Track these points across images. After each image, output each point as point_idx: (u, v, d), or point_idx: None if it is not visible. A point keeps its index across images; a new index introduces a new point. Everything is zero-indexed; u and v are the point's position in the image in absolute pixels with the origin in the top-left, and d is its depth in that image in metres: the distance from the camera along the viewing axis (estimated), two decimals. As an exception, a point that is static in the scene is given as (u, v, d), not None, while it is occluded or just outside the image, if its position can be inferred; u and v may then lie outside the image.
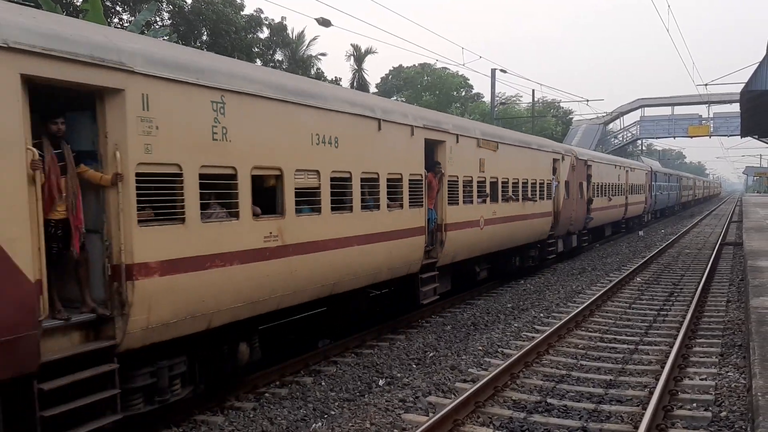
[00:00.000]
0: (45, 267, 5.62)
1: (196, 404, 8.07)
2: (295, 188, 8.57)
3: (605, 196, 28.35)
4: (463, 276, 15.26)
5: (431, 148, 12.67)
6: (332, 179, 9.36)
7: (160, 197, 6.63)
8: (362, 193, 10.17)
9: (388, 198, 10.95)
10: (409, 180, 11.60)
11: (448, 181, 13.18)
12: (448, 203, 13.15)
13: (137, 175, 6.34)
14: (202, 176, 7.07)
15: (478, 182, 14.71)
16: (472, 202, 14.47)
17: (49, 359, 5.64)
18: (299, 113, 8.66)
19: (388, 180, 10.94)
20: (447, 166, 13.11)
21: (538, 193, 18.68)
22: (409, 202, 11.61)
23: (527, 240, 18.37)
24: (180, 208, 6.82)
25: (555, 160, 20.58)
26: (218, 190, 7.42)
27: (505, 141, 16.43)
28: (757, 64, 22.57)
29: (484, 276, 16.31)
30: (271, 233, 8.13)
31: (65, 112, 6.25)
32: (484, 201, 15.04)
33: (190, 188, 6.90)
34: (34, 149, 5.58)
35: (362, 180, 10.14)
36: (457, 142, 13.57)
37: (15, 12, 5.71)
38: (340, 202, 9.64)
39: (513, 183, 16.83)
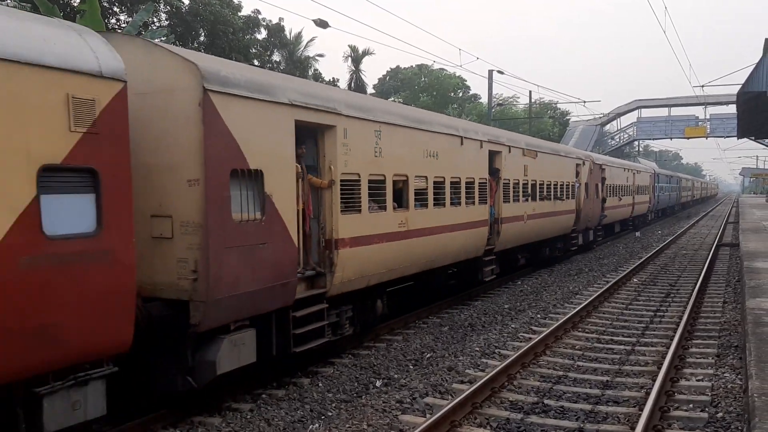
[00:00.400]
0: (301, 238, 8.91)
1: (194, 405, 8.07)
2: (414, 189, 11.83)
3: (616, 196, 31.64)
4: (507, 262, 18.03)
5: (492, 156, 15.80)
6: (434, 183, 12.64)
7: (349, 195, 9.90)
8: (450, 193, 13.33)
9: (465, 197, 14.01)
10: (479, 183, 14.74)
11: (503, 183, 16.43)
12: (503, 201, 16.41)
13: (341, 181, 9.64)
14: (369, 181, 10.38)
15: (522, 184, 17.85)
16: (518, 200, 17.55)
17: (297, 297, 8.80)
18: (417, 135, 12.04)
19: (466, 183, 14.07)
20: (502, 172, 16.33)
21: (565, 193, 21.84)
22: (479, 200, 14.73)
23: (556, 233, 21.60)
24: (358, 202, 10.11)
25: (577, 165, 23.69)
26: (375, 191, 10.61)
27: (542, 150, 19.86)
28: (754, 66, 22.62)
29: (522, 263, 19.36)
30: (401, 221, 11.42)
31: (305, 140, 9.23)
32: (527, 200, 18.18)
33: (364, 189, 10.24)
34: (298, 165, 8.80)
35: (450, 183, 13.34)
36: (510, 152, 16.80)
37: (291, 80, 9.73)
38: (438, 199, 12.83)
39: (547, 185, 19.92)
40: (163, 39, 22.97)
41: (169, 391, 7.55)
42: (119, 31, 27.72)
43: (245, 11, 37.79)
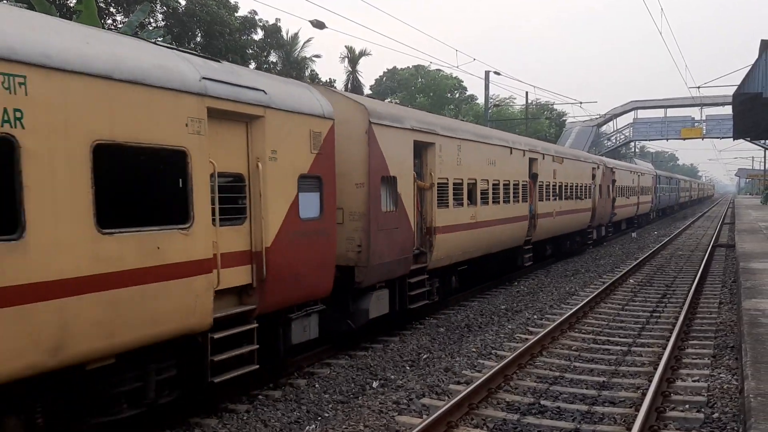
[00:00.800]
0: (416, 225, 12.40)
1: (189, 407, 8.06)
2: (480, 189, 15.28)
3: (624, 196, 35.55)
4: (537, 252, 20.96)
5: (530, 163, 19.34)
6: (493, 184, 16.12)
7: (442, 194, 13.32)
8: (503, 193, 16.80)
9: (513, 196, 17.48)
10: (522, 184, 18.30)
11: (538, 185, 19.87)
12: (538, 200, 19.90)
13: (438, 184, 13.11)
14: (453, 184, 13.83)
15: (552, 186, 21.37)
16: (549, 199, 20.99)
17: (411, 269, 12.19)
18: (482, 147, 15.62)
19: (513, 185, 17.59)
20: (539, 175, 19.87)
21: (583, 193, 25.60)
22: (522, 199, 18.24)
23: (576, 228, 25.32)
24: (447, 199, 13.56)
25: (593, 168, 27.47)
26: (456, 191, 14.05)
27: (566, 156, 23.64)
28: (750, 67, 22.67)
29: (549, 253, 23.05)
30: (472, 215, 14.84)
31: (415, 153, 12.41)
32: (556, 199, 21.73)
33: (450, 190, 13.68)
34: (414, 172, 12.20)
35: (503, 185, 16.84)
36: (543, 158, 20.44)
37: (411, 111, 13.50)
38: (495, 197, 16.28)
39: (571, 186, 23.64)
40: (159, 39, 22.91)
41: (335, 330, 10.80)
42: (115, 30, 27.66)
43: (242, 12, 37.78)
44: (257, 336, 8.04)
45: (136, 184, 6.62)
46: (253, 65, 36.94)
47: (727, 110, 48.65)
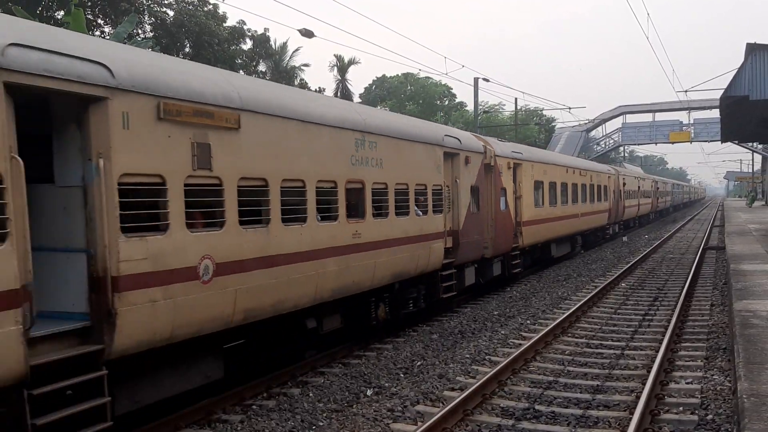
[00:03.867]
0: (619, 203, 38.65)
1: (183, 417, 8.00)
2: (630, 193, 40.45)
3: (660, 197, 57.04)
4: (626, 226, 41.97)
5: (638, 182, 44.19)
6: (632, 191, 40.46)
7: (626, 194, 39.37)
8: (633, 194, 41.82)
9: (634, 197, 41.64)
10: (634, 191, 41.86)
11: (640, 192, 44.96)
12: (640, 198, 45.41)
13: (625, 191, 38.42)
14: (629, 191, 40.72)
15: (642, 192, 43.53)
16: (640, 198, 43.17)
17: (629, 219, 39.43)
18: (630, 177, 41.42)
19: (634, 191, 41.77)
20: (640, 187, 44.04)
21: (646, 195, 46.18)
22: (633, 197, 41.39)
23: (645, 213, 47.13)
24: (628, 195, 39.64)
25: (652, 182, 48.98)
26: (629, 193, 40.56)
27: (645, 178, 47.46)
28: (736, 70, 22.80)
29: (634, 224, 44.64)
30: (628, 203, 38.94)
31: None
32: (642, 198, 44.31)
33: (629, 192, 40.04)
34: (620, 189, 39.16)
35: (633, 191, 41.28)
36: (640, 179, 43.95)
37: (624, 169, 45.28)
38: (632, 196, 41.39)
39: (646, 192, 45.40)
40: (148, 50, 22.87)
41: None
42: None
43: (230, 22, 37.81)
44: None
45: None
46: (242, 74, 36.85)
47: (715, 113, 48.93)
